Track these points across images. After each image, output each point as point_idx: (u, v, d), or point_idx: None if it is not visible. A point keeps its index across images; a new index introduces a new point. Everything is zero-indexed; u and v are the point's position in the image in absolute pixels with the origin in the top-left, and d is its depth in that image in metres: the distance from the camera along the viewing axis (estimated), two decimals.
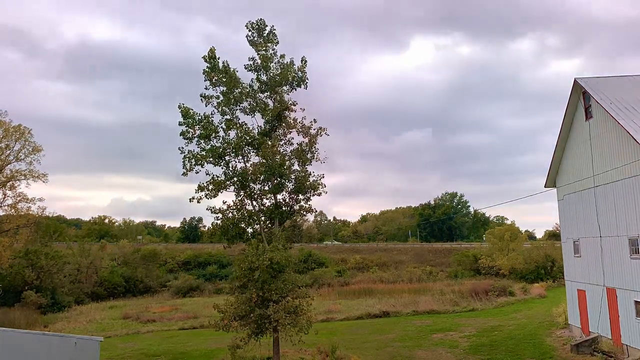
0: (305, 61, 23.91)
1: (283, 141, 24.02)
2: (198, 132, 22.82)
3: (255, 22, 23.47)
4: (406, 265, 75.80)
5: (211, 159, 22.75)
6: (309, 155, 23.59)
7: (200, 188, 22.84)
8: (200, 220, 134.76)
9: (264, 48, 23.49)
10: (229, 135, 23.21)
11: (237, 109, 23.52)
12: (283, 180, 23.48)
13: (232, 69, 23.08)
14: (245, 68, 23.62)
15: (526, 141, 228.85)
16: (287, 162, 23.34)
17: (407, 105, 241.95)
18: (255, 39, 23.52)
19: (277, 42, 23.71)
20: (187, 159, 22.63)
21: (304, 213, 24.61)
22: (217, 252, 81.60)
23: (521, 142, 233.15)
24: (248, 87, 23.62)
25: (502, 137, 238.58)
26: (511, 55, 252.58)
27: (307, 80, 23.94)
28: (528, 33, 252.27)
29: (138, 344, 33.54)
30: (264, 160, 22.82)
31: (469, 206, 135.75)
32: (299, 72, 23.73)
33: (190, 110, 22.77)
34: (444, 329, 33.99)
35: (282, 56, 23.76)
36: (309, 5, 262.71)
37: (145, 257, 77.06)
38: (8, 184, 48.77)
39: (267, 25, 23.58)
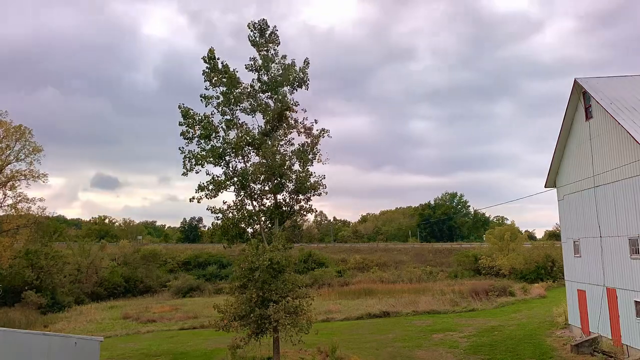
0: (308, 62, 23.89)
1: (284, 141, 24.01)
2: (198, 132, 22.82)
3: (257, 22, 23.45)
4: (406, 265, 75.80)
5: (211, 159, 22.72)
6: (310, 156, 23.57)
7: (201, 188, 22.83)
8: (200, 220, 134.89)
9: (266, 48, 23.47)
10: (229, 135, 23.21)
11: (237, 109, 23.51)
12: (283, 181, 23.47)
13: (232, 70, 23.07)
14: (246, 68, 23.60)
15: None
16: (288, 162, 23.33)
17: None
18: (257, 39, 23.49)
19: (279, 43, 23.70)
20: (187, 159, 22.63)
21: (304, 213, 24.61)
22: (217, 252, 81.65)
23: None
24: (249, 87, 23.60)
25: None
26: None
27: (308, 82, 23.92)
28: None
29: (138, 344, 33.55)
30: (264, 161, 22.82)
31: (469, 206, 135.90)
32: (301, 73, 23.69)
33: (190, 111, 22.77)
34: (444, 329, 34.00)
35: (284, 57, 23.74)
36: None
37: (145, 257, 77.14)
38: (8, 184, 48.80)
39: (269, 26, 23.58)
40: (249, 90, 23.52)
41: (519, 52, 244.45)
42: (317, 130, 23.84)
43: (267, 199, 23.95)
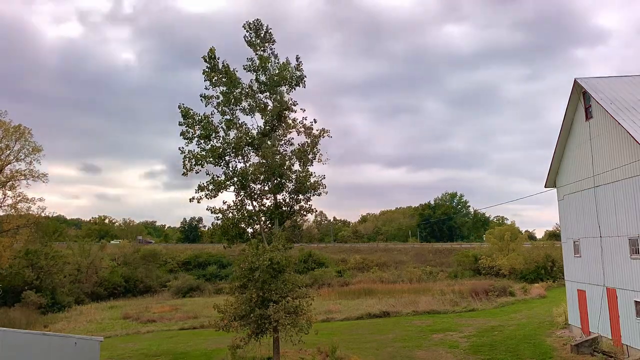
0: (300, 61, 23.83)
1: (283, 141, 23.99)
2: (198, 132, 22.81)
3: (252, 22, 23.40)
4: (406, 265, 75.81)
5: (211, 159, 22.72)
6: (310, 156, 23.54)
7: (200, 188, 22.83)
8: (200, 220, 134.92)
9: (262, 48, 23.43)
10: (228, 136, 23.19)
11: (237, 109, 23.50)
12: (283, 181, 23.46)
13: (232, 69, 23.05)
14: (244, 68, 23.56)
15: None
16: (287, 163, 23.32)
17: None
18: (253, 39, 23.45)
19: (274, 42, 23.66)
20: (187, 159, 22.62)
21: (304, 213, 24.59)
22: (217, 252, 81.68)
23: None
24: (248, 87, 23.58)
25: None
26: None
27: (305, 79, 23.87)
28: None
29: (138, 344, 33.55)
30: (263, 161, 22.81)
31: (469, 206, 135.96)
32: (297, 72, 23.66)
33: (190, 111, 22.76)
34: (444, 329, 33.99)
35: (276, 56, 23.65)
36: None
37: (145, 257, 77.15)
38: (8, 184, 48.82)
39: (262, 25, 23.51)
40: (247, 90, 23.50)
41: (429, 42, 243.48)
42: (316, 130, 23.84)
43: (267, 199, 23.94)
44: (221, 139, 23.11)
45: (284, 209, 23.91)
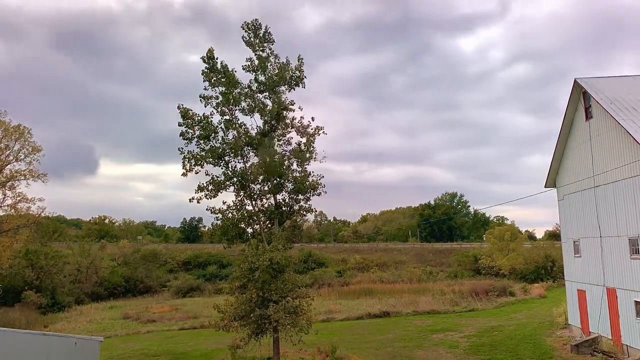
0: (302, 60, 23.80)
1: (282, 141, 23.98)
2: (197, 132, 22.80)
3: (250, 22, 23.37)
4: (406, 265, 75.76)
5: (211, 160, 22.72)
6: (307, 155, 23.53)
7: (200, 188, 22.83)
8: (200, 220, 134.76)
9: (261, 48, 23.41)
10: (228, 136, 23.19)
11: (236, 109, 23.49)
12: (282, 181, 23.45)
13: (230, 70, 23.05)
14: (243, 69, 23.53)
15: None
16: (286, 162, 23.32)
17: None
18: (252, 39, 23.43)
19: (273, 42, 23.64)
20: (187, 159, 22.61)
21: (304, 213, 24.58)
22: (217, 252, 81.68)
23: None
24: (247, 87, 23.57)
25: None
26: None
27: (304, 79, 23.86)
28: None
29: (138, 344, 33.55)
30: (263, 161, 22.80)
31: (469, 206, 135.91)
32: (296, 72, 23.65)
33: (190, 111, 22.75)
34: (444, 329, 33.99)
35: (277, 56, 23.66)
36: None
37: (145, 257, 77.16)
38: (8, 184, 48.79)
39: (261, 25, 23.49)
40: (246, 90, 23.49)
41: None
42: (312, 128, 23.80)
43: (267, 199, 23.93)
44: (220, 139, 23.11)
45: (283, 209, 23.92)
